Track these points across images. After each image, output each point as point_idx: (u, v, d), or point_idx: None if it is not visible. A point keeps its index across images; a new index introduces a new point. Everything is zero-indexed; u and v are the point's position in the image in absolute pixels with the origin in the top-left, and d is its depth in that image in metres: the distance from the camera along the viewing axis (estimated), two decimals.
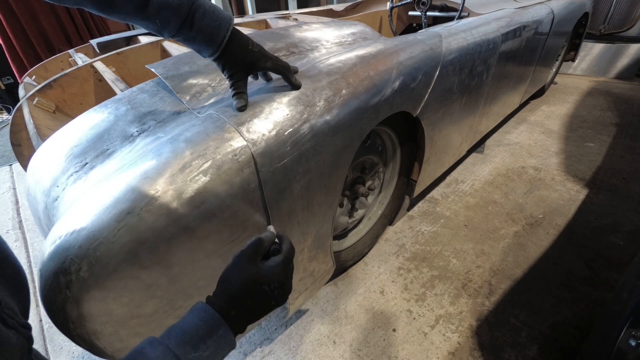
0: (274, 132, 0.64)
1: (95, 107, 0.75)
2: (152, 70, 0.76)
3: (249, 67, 0.62)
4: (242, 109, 0.63)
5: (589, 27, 3.03)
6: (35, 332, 1.17)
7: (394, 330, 1.09)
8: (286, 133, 0.66)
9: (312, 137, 0.70)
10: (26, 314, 0.39)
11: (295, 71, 0.74)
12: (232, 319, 0.40)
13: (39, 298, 0.84)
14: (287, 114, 0.67)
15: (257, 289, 0.42)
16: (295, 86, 0.70)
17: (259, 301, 0.42)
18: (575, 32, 2.66)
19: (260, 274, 0.42)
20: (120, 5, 0.49)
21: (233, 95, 0.63)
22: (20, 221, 1.73)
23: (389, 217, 1.43)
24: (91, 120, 0.72)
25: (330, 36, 1.02)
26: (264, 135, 0.63)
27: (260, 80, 0.76)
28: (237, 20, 1.70)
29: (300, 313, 1.16)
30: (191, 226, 0.56)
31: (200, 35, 0.54)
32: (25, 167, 1.07)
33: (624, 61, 3.12)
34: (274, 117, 0.65)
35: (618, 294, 0.73)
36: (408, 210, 1.62)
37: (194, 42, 0.56)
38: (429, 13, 1.77)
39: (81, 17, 2.90)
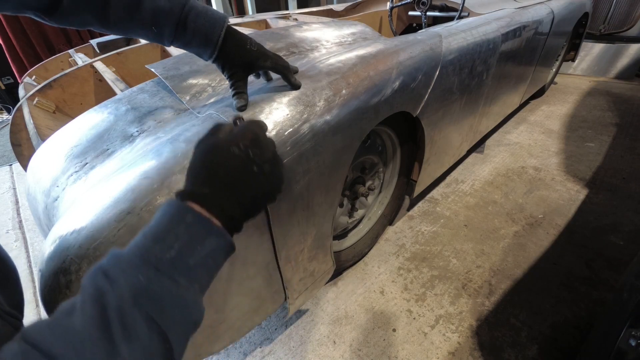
0: (273, 132, 0.64)
1: (95, 107, 0.75)
2: (152, 70, 0.76)
3: (248, 66, 0.62)
4: (242, 108, 0.63)
5: (589, 27, 3.03)
6: None
7: (394, 330, 1.09)
8: (286, 133, 0.66)
9: (312, 137, 0.70)
10: (18, 308, 0.38)
11: (296, 71, 0.74)
12: (210, 202, 0.34)
13: (39, 298, 0.85)
14: (287, 114, 0.67)
15: (223, 154, 0.35)
16: (295, 86, 0.70)
17: (233, 170, 0.35)
18: (575, 32, 2.66)
19: (222, 138, 0.36)
20: (116, 14, 0.49)
21: (233, 95, 0.63)
22: (20, 221, 1.73)
23: (389, 217, 1.43)
24: (91, 120, 0.72)
25: (330, 36, 1.02)
26: None
27: (261, 80, 0.76)
28: (237, 20, 1.70)
29: (300, 313, 1.16)
30: None
31: (196, 37, 0.54)
32: (25, 167, 1.07)
33: (624, 61, 3.12)
34: (274, 117, 0.65)
35: (618, 294, 0.73)
36: (408, 210, 1.62)
37: (191, 45, 0.56)
38: (429, 13, 1.77)
39: None
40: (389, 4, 1.93)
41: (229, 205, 0.35)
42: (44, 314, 1.23)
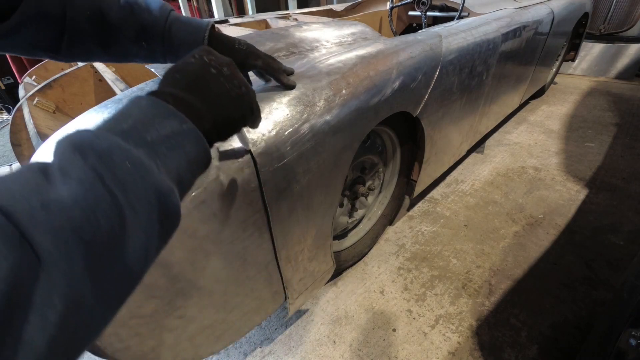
0: (273, 132, 0.64)
1: (95, 107, 0.75)
2: (152, 70, 0.76)
3: (239, 66, 0.62)
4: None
5: (589, 27, 3.03)
6: None
7: (394, 330, 1.09)
8: (286, 133, 0.66)
9: (312, 137, 0.70)
10: None
11: (291, 72, 0.73)
12: (168, 94, 0.34)
13: None
14: (287, 114, 0.67)
15: (180, 66, 0.38)
16: (288, 86, 0.69)
17: (191, 72, 0.38)
18: (575, 32, 2.66)
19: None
20: (110, 35, 0.51)
21: None
22: None
23: (389, 217, 1.43)
24: (91, 120, 0.72)
25: (330, 36, 1.02)
26: (263, 135, 0.63)
27: (261, 81, 0.75)
28: (237, 20, 1.70)
29: (300, 313, 1.16)
30: (191, 226, 0.56)
31: (183, 46, 0.55)
32: None
33: (624, 61, 3.12)
34: (273, 117, 0.65)
35: (618, 294, 0.73)
36: (408, 210, 1.62)
37: (182, 57, 0.57)
38: (429, 13, 1.77)
39: None
40: (389, 4, 1.93)
41: (191, 99, 0.35)
42: None
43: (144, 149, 0.28)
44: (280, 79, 0.67)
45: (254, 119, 0.46)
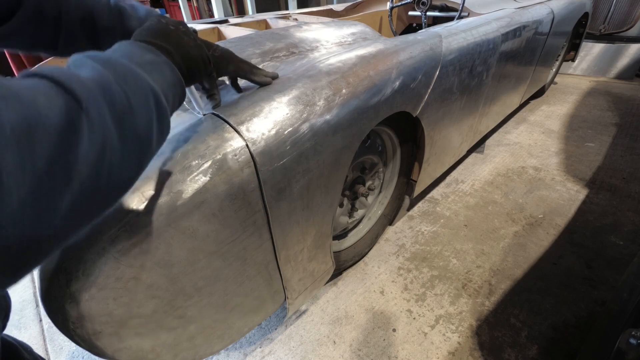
0: (273, 132, 0.64)
1: None
2: None
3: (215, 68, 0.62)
4: (215, 107, 0.64)
5: (589, 27, 3.04)
6: (35, 332, 1.17)
7: (394, 330, 1.09)
8: (286, 132, 0.66)
9: (312, 137, 0.70)
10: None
11: (275, 77, 0.73)
12: (143, 41, 0.43)
13: (38, 298, 0.85)
14: (287, 113, 0.67)
15: (146, 25, 0.47)
16: (262, 83, 0.69)
17: (155, 27, 0.47)
18: (575, 32, 2.66)
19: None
20: (102, 38, 0.56)
21: (207, 97, 0.63)
22: None
23: (389, 217, 1.43)
24: None
25: (330, 36, 1.02)
26: (263, 134, 0.63)
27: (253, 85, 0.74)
28: (237, 20, 1.70)
29: (300, 313, 1.16)
30: (191, 226, 0.56)
31: None
32: None
33: (624, 61, 3.12)
34: (273, 116, 0.65)
35: (618, 294, 0.73)
36: (408, 210, 1.62)
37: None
38: (429, 13, 1.77)
39: None
40: (389, 4, 1.93)
41: (159, 43, 0.44)
42: (44, 314, 1.23)
43: (133, 65, 0.36)
44: (253, 78, 0.68)
45: (209, 72, 0.54)
